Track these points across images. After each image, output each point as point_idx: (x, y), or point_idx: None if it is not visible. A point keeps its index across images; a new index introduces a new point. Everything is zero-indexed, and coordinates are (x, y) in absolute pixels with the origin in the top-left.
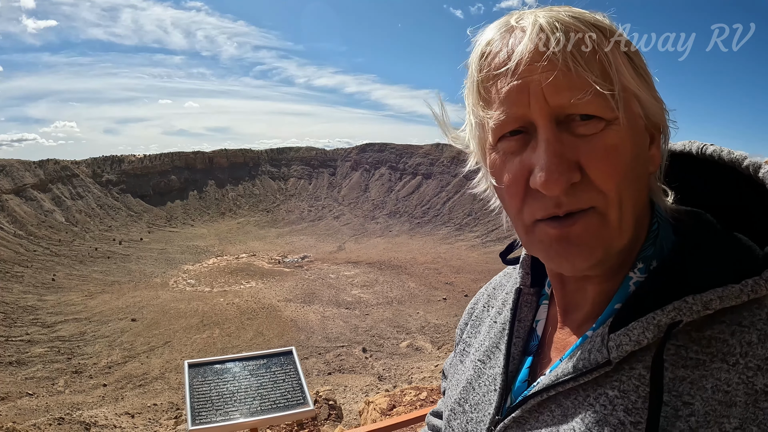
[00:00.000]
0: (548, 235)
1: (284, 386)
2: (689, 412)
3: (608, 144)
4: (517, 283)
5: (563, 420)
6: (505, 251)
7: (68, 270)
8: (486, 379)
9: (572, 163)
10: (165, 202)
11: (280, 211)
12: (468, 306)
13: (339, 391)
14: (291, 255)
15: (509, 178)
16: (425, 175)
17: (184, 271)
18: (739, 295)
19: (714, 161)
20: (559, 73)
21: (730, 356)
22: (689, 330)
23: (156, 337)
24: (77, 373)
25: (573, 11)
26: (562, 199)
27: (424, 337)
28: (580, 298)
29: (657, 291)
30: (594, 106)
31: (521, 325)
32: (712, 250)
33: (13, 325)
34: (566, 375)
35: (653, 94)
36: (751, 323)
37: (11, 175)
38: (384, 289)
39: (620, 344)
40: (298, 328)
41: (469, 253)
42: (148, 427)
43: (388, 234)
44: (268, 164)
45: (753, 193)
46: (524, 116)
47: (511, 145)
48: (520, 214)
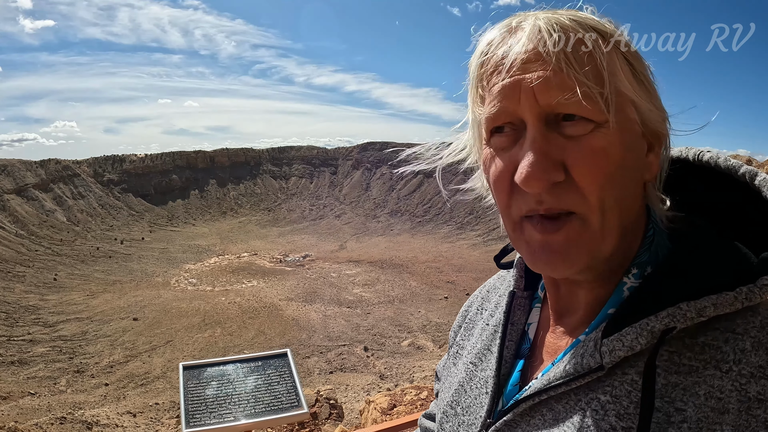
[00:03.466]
0: (533, 239)
1: (279, 389)
2: (681, 419)
3: (595, 146)
4: (511, 286)
5: (554, 424)
6: (499, 255)
7: (70, 269)
8: (478, 382)
9: (556, 163)
10: (166, 201)
11: (282, 210)
12: (462, 308)
13: (340, 390)
14: (292, 254)
15: (497, 173)
16: (426, 174)
17: (185, 270)
18: (734, 303)
19: (710, 168)
20: (550, 72)
21: (724, 363)
22: (683, 336)
23: (158, 337)
24: (79, 372)
25: (574, 14)
26: (544, 197)
27: (426, 336)
28: (573, 303)
29: (651, 297)
30: (582, 108)
31: (514, 328)
32: (706, 257)
33: (15, 325)
34: (558, 379)
35: (653, 101)
36: (744, 330)
37: (13, 175)
38: (385, 287)
39: (613, 349)
40: (300, 327)
41: (471, 252)
42: (150, 426)
43: (389, 233)
44: (270, 163)
45: (749, 201)
46: (515, 112)
47: (502, 141)
48: (508, 210)
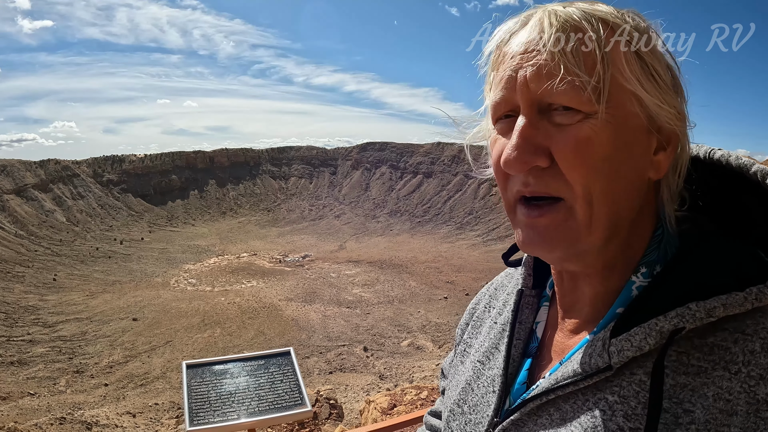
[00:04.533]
0: (522, 220)
1: (282, 387)
2: (689, 420)
3: (579, 136)
4: (519, 285)
5: (562, 424)
6: (508, 252)
7: (69, 270)
8: (485, 381)
9: (540, 148)
10: (166, 201)
11: (281, 211)
12: (469, 306)
13: (340, 391)
14: (292, 254)
15: (495, 157)
16: (426, 174)
17: (185, 270)
18: (743, 303)
19: (721, 166)
20: (543, 61)
21: (733, 364)
22: (691, 337)
23: (157, 337)
24: (78, 372)
25: (590, 6)
26: (530, 180)
27: (425, 336)
28: (578, 298)
29: (660, 296)
30: (569, 97)
31: (522, 327)
32: (716, 257)
33: (14, 325)
34: (566, 378)
35: (665, 98)
36: (754, 332)
37: (12, 175)
38: (385, 288)
39: (621, 349)
40: (299, 327)
41: (470, 252)
42: (150, 427)
43: (389, 233)
44: (269, 163)
45: (759, 200)
46: (512, 100)
47: (503, 127)
48: (506, 193)
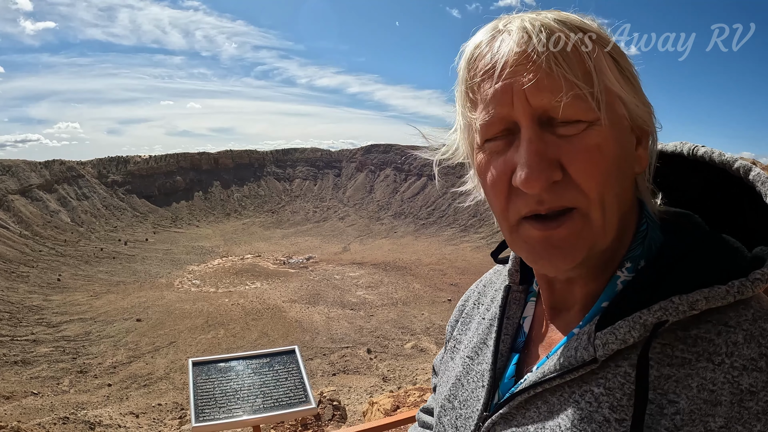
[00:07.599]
0: (532, 237)
1: (287, 384)
2: (674, 410)
3: (589, 144)
4: (507, 281)
5: (549, 416)
6: (497, 250)
7: (73, 270)
8: (474, 376)
9: (553, 162)
10: (170, 202)
11: (285, 212)
12: (459, 303)
13: (343, 392)
14: (296, 256)
15: (493, 177)
16: (430, 176)
17: (189, 271)
18: (725, 296)
19: (705, 163)
20: (542, 74)
21: (716, 356)
22: (675, 329)
23: (161, 338)
24: (82, 372)
25: (560, 15)
26: (544, 197)
27: (429, 338)
28: (569, 299)
29: (644, 290)
30: (574, 110)
31: (509, 323)
32: (699, 251)
33: (18, 325)
34: (553, 372)
35: (639, 96)
36: (737, 323)
37: (17, 176)
38: (389, 290)
39: (606, 342)
40: (303, 328)
41: (474, 254)
42: (153, 427)
43: (393, 235)
44: (273, 165)
45: (743, 195)
46: (508, 116)
47: (497, 145)
48: (506, 213)
